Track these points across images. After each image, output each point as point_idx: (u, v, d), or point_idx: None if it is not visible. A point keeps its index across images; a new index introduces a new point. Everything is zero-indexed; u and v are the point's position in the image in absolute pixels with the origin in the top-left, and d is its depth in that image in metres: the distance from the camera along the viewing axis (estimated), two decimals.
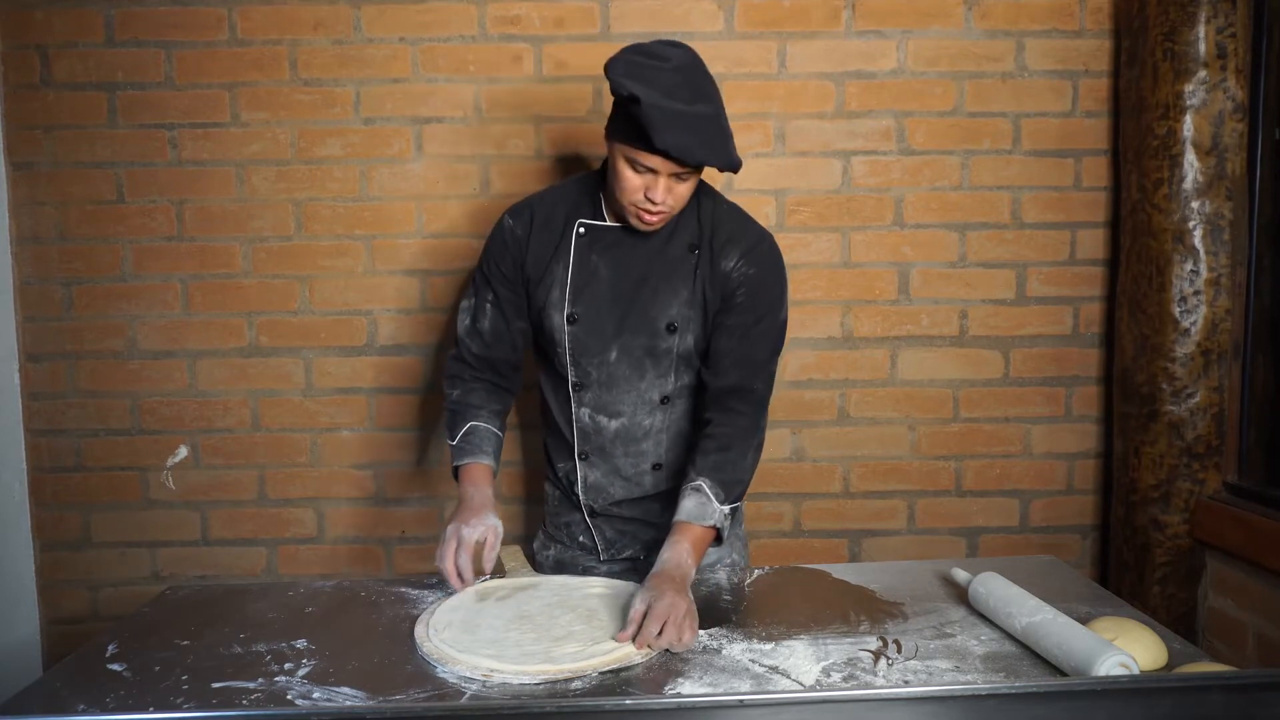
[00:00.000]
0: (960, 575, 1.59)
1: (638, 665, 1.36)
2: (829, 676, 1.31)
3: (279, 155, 2.35)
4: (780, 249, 1.77)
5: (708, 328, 1.73)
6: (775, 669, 1.33)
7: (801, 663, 1.34)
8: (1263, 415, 2.20)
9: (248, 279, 2.38)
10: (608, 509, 1.84)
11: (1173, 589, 2.24)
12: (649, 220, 1.64)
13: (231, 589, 1.72)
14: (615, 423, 1.78)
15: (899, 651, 1.39)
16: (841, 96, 2.38)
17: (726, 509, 1.61)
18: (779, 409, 2.39)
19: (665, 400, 1.77)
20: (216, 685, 1.30)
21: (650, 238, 1.72)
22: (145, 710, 1.23)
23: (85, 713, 1.24)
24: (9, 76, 2.31)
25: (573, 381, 1.77)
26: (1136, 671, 1.24)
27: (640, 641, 1.38)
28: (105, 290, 2.37)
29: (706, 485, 1.61)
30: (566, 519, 1.90)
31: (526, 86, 2.35)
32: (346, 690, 1.28)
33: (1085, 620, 1.42)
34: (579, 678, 1.31)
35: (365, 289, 2.40)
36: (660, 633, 1.38)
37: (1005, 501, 2.49)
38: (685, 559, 1.54)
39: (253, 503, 2.44)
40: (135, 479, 2.42)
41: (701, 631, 1.45)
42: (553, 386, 1.84)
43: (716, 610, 1.57)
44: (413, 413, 2.43)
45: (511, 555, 1.82)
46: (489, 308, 1.78)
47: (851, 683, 1.29)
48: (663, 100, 1.51)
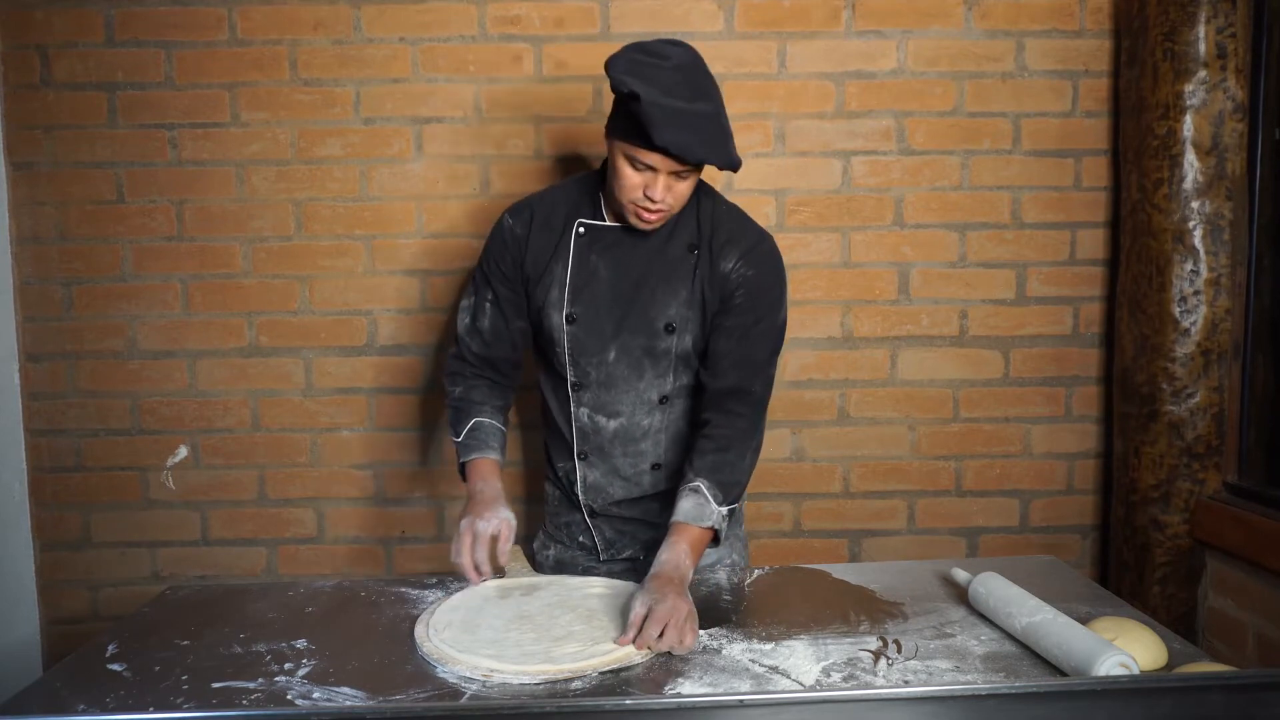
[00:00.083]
0: (960, 575, 1.59)
1: (638, 665, 1.36)
2: (829, 676, 1.31)
3: (279, 155, 2.35)
4: (780, 250, 1.77)
5: (706, 328, 1.73)
6: (775, 669, 1.33)
7: (801, 663, 1.34)
8: (1263, 415, 2.20)
9: (248, 279, 2.39)
10: (607, 509, 1.84)
11: (1173, 589, 2.24)
12: (648, 219, 1.63)
13: (231, 589, 1.72)
14: (614, 423, 1.78)
15: (899, 651, 1.39)
16: (841, 96, 2.38)
17: (724, 510, 1.61)
18: (779, 409, 2.39)
19: (664, 400, 1.77)
20: (216, 685, 1.30)
21: (650, 238, 1.72)
22: (145, 710, 1.23)
23: (85, 713, 1.24)
24: (9, 76, 2.31)
25: (571, 381, 1.77)
26: (1136, 671, 1.24)
27: (641, 643, 1.38)
28: (105, 290, 2.37)
29: (704, 486, 1.61)
30: (567, 519, 1.90)
31: (526, 86, 2.35)
32: (346, 690, 1.28)
33: (1085, 620, 1.42)
34: (579, 678, 1.31)
35: (365, 289, 2.40)
36: (661, 635, 1.38)
37: (1005, 501, 2.49)
38: (683, 560, 1.54)
39: (253, 503, 2.44)
40: (135, 479, 2.42)
41: (701, 631, 1.45)
42: (552, 386, 1.84)
43: (716, 610, 1.57)
44: (413, 413, 2.43)
45: (512, 555, 1.81)
46: (489, 307, 1.78)
47: (851, 683, 1.29)
48: (663, 98, 1.50)
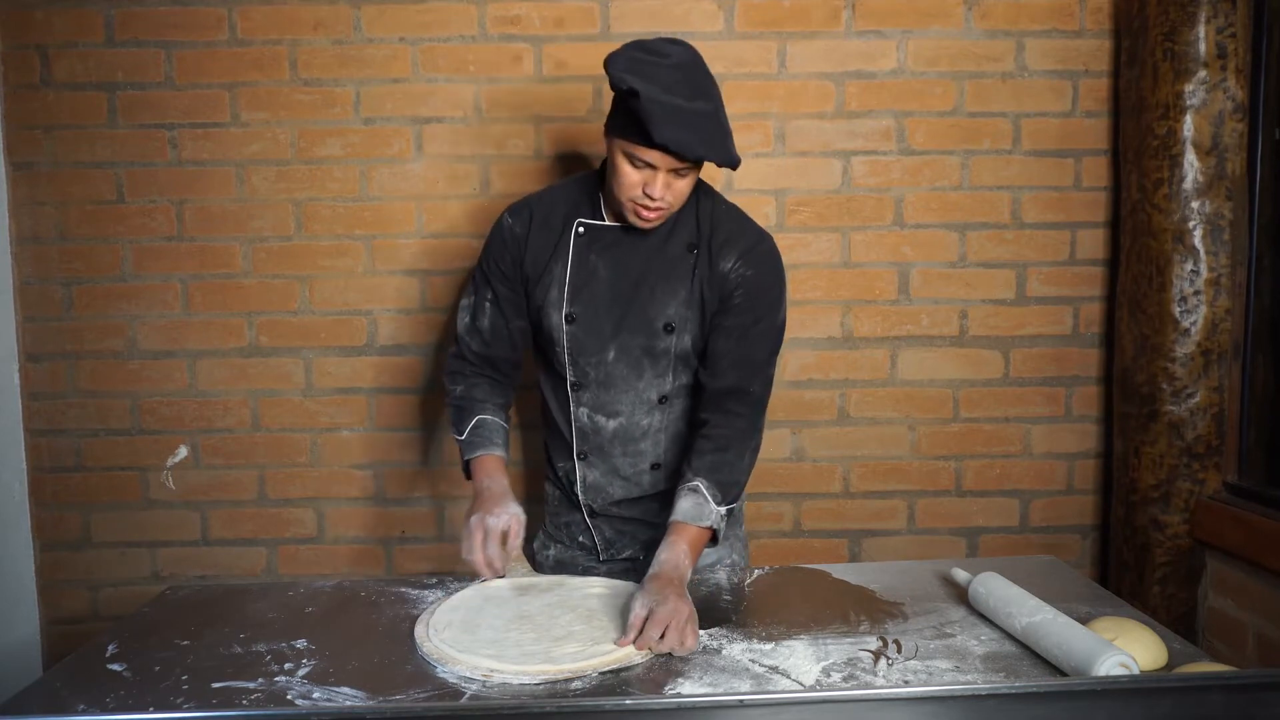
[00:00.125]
0: (960, 575, 1.59)
1: (638, 665, 1.36)
2: (829, 676, 1.31)
3: (279, 155, 2.35)
4: (779, 250, 1.77)
5: (705, 328, 1.73)
6: (775, 669, 1.33)
7: (801, 663, 1.34)
8: (1263, 415, 2.20)
9: (248, 279, 2.38)
10: (607, 509, 1.84)
11: (1173, 589, 2.24)
12: (647, 217, 1.63)
13: (231, 589, 1.72)
14: (613, 422, 1.78)
15: (899, 651, 1.39)
16: (841, 96, 2.38)
17: (723, 510, 1.61)
18: (779, 409, 2.39)
19: (663, 400, 1.77)
20: (216, 685, 1.30)
21: (649, 237, 1.71)
22: (145, 710, 1.23)
23: (85, 713, 1.24)
24: (9, 76, 2.31)
25: (571, 381, 1.77)
26: (1136, 671, 1.24)
27: (642, 644, 1.38)
28: (105, 290, 2.37)
29: (703, 486, 1.61)
30: (567, 519, 1.90)
31: (526, 86, 2.35)
32: (346, 690, 1.28)
33: (1085, 620, 1.42)
34: (579, 678, 1.31)
35: (365, 289, 2.40)
36: (662, 637, 1.37)
37: (1005, 501, 2.49)
38: (682, 560, 1.54)
39: (253, 503, 2.44)
40: (135, 479, 2.42)
41: (701, 631, 1.45)
42: (552, 386, 1.84)
43: (716, 610, 1.57)
44: (413, 412, 2.43)
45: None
46: (488, 306, 1.78)
47: (851, 683, 1.29)
48: (662, 95, 1.50)
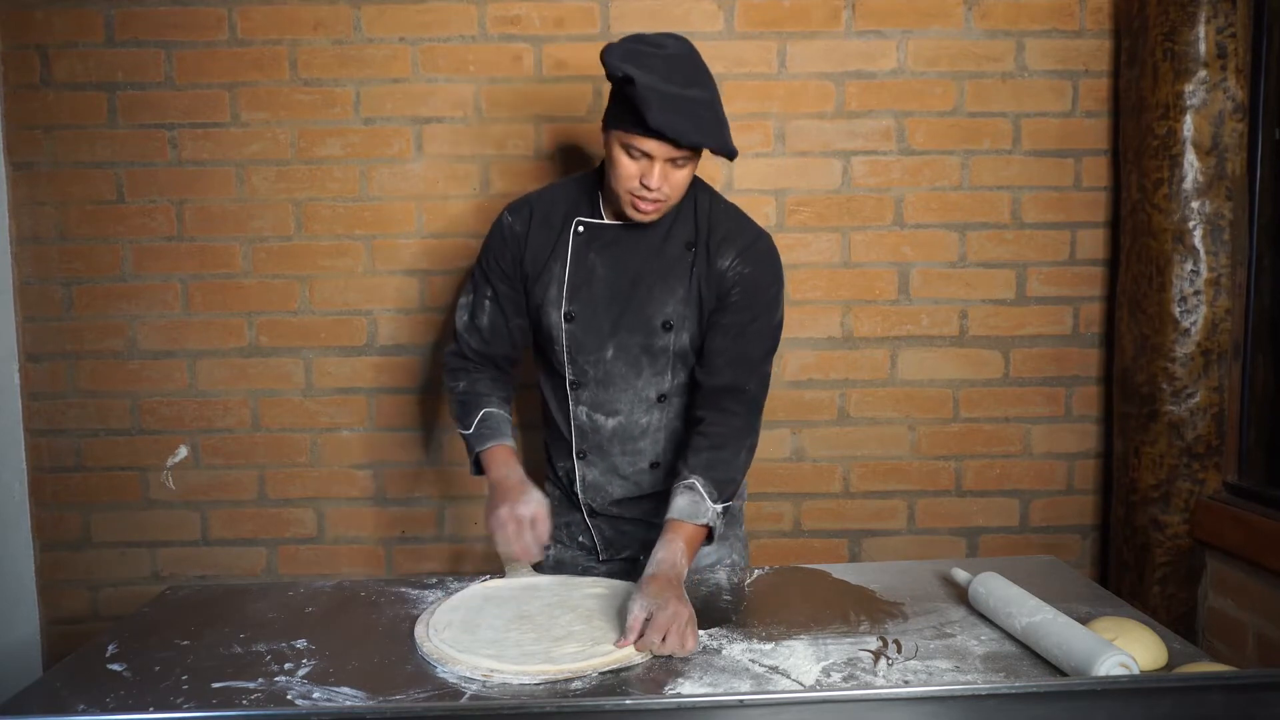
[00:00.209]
0: (960, 575, 1.59)
1: (638, 665, 1.36)
2: (829, 676, 1.31)
3: (279, 155, 2.35)
4: (778, 249, 1.77)
5: (703, 326, 1.73)
6: (775, 669, 1.33)
7: (801, 663, 1.34)
8: (1263, 415, 2.20)
9: (248, 279, 2.38)
10: (607, 508, 1.84)
11: (1173, 589, 2.24)
12: (645, 209, 1.62)
13: (231, 589, 1.72)
14: (612, 421, 1.78)
15: (899, 651, 1.39)
16: (841, 96, 2.37)
17: (719, 508, 1.61)
18: (779, 409, 2.39)
19: (662, 398, 1.77)
20: (216, 685, 1.30)
21: (647, 235, 1.71)
22: (145, 710, 1.23)
23: (85, 713, 1.24)
24: (9, 76, 2.31)
25: (570, 379, 1.77)
26: (1136, 671, 1.24)
27: (642, 646, 1.37)
28: (105, 290, 2.37)
29: (700, 484, 1.60)
30: (567, 519, 1.90)
31: (526, 86, 2.35)
32: (346, 690, 1.28)
33: (1085, 620, 1.42)
34: (579, 678, 1.31)
35: (365, 289, 2.40)
36: (663, 641, 1.37)
37: (1005, 501, 2.49)
38: (679, 559, 1.53)
39: (253, 503, 2.44)
40: (135, 479, 2.42)
41: (701, 631, 1.44)
42: (551, 385, 1.84)
43: (716, 610, 1.57)
44: (413, 412, 2.43)
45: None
46: (488, 304, 1.78)
47: (851, 683, 1.29)
48: (658, 83, 1.50)
